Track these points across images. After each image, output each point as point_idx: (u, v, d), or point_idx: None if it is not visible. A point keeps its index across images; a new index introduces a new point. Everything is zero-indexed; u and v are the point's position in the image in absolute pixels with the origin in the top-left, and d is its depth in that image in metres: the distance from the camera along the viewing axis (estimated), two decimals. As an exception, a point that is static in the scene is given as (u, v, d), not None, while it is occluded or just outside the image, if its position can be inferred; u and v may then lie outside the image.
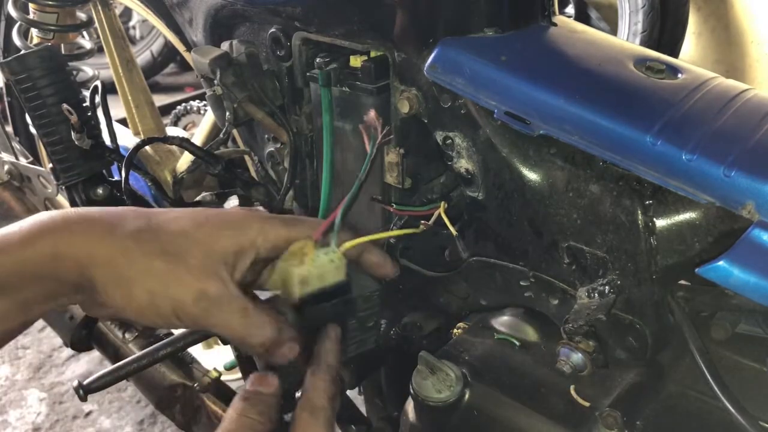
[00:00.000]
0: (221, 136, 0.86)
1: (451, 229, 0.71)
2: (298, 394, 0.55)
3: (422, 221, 0.71)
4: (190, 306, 0.51)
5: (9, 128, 1.61)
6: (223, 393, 1.12)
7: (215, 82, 0.84)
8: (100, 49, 1.30)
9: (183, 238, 0.51)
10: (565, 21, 0.72)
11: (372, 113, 0.68)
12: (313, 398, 0.52)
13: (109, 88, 1.06)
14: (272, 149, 0.91)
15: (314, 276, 0.56)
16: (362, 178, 0.65)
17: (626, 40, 2.19)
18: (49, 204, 1.33)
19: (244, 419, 0.50)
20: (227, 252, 0.53)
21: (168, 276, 0.50)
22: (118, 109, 1.27)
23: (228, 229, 0.53)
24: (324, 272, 0.57)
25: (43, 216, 0.51)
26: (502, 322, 0.73)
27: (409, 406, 0.67)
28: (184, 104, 2.16)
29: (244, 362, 0.98)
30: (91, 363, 1.79)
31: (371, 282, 0.61)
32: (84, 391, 0.86)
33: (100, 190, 1.06)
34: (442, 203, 0.71)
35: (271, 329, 0.52)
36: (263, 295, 0.60)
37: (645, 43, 2.29)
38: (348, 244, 0.58)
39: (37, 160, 1.51)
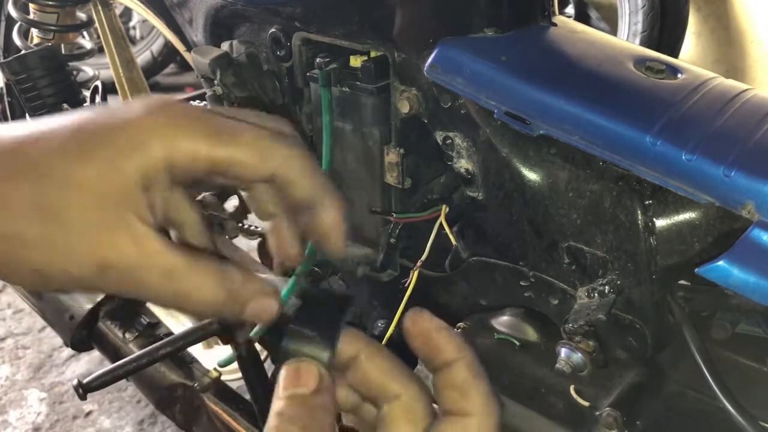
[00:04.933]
0: (221, 136, 0.86)
1: (451, 237, 0.71)
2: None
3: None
4: (96, 281, 0.36)
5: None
6: (224, 393, 1.12)
7: (215, 82, 0.84)
8: (101, 49, 1.30)
9: (60, 179, 0.34)
10: (565, 21, 0.72)
11: None
12: None
13: (109, 88, 1.06)
14: (272, 149, 0.91)
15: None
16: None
17: (626, 40, 2.19)
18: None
19: None
20: (128, 187, 0.35)
21: (50, 246, 0.34)
22: (118, 109, 1.27)
23: (125, 151, 0.35)
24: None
25: None
26: (502, 322, 0.73)
27: (409, 406, 0.67)
28: (184, 104, 2.16)
29: (244, 359, 0.98)
30: (91, 363, 1.78)
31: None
32: (84, 389, 0.86)
33: (100, 190, 1.06)
34: (444, 207, 0.71)
35: (215, 284, 0.37)
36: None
37: (645, 43, 2.29)
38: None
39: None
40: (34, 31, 1.26)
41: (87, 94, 1.05)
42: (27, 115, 1.04)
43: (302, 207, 0.39)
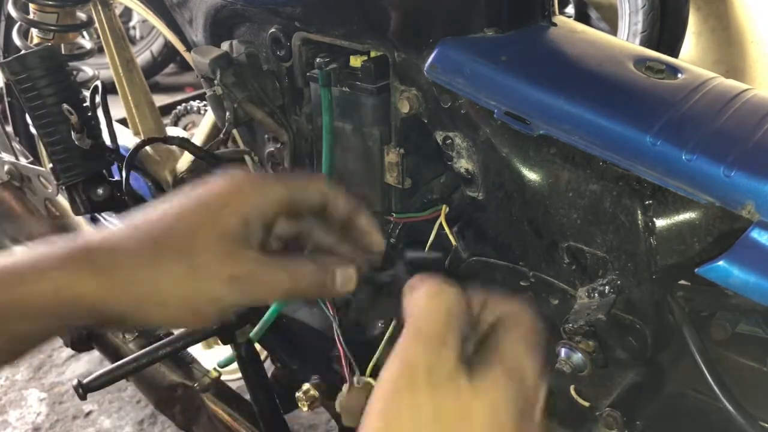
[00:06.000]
0: (221, 136, 0.86)
1: (451, 237, 0.71)
2: None
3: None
4: (228, 294, 0.51)
5: (9, 128, 1.60)
6: (223, 393, 1.12)
7: (215, 82, 0.84)
8: (100, 49, 1.30)
9: (187, 238, 0.50)
10: (565, 21, 0.72)
11: None
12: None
13: (109, 88, 1.06)
14: (272, 149, 0.91)
15: None
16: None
17: (626, 40, 2.19)
18: (49, 204, 1.33)
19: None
20: (234, 230, 0.51)
21: (192, 278, 0.50)
22: (118, 109, 1.27)
23: (225, 207, 0.51)
24: None
25: (40, 251, 0.49)
26: (502, 322, 0.73)
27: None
28: (184, 104, 2.16)
29: (243, 359, 0.98)
30: (91, 363, 1.78)
31: None
32: (83, 389, 0.86)
33: (100, 191, 1.06)
34: (444, 207, 0.71)
35: (306, 269, 0.52)
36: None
37: (645, 43, 2.29)
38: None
39: (37, 160, 1.51)
40: (34, 31, 1.26)
41: (87, 94, 1.05)
42: (27, 114, 1.04)
43: (346, 220, 0.55)
